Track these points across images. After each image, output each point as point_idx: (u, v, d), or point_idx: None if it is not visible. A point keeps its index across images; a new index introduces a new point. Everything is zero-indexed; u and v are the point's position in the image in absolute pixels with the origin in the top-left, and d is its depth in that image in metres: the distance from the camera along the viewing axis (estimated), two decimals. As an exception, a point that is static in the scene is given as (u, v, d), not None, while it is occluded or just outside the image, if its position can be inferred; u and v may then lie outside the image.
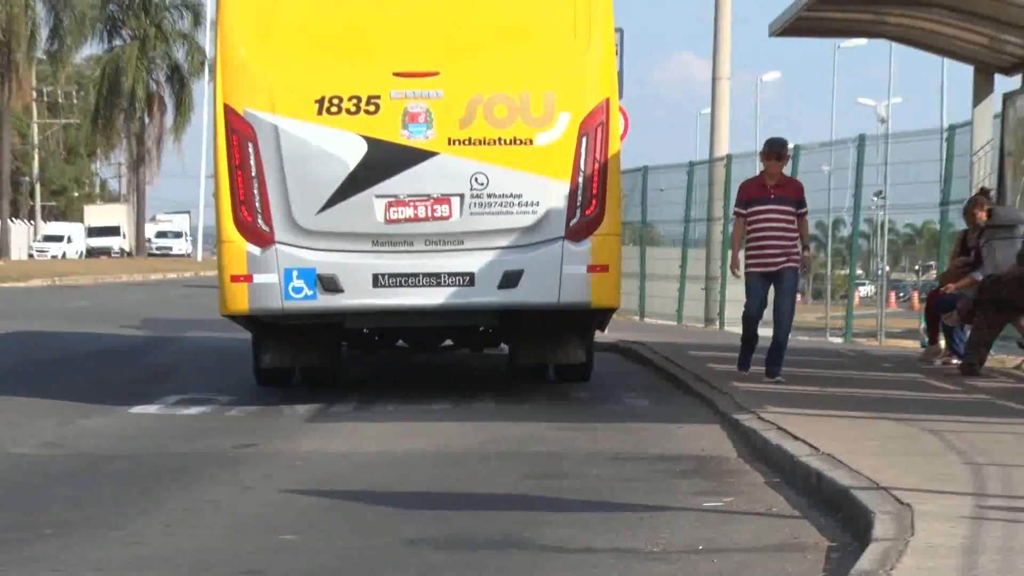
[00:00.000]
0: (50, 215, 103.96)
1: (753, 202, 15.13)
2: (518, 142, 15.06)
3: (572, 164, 15.04)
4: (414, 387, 16.40)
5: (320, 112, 14.97)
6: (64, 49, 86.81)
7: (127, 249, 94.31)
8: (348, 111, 14.96)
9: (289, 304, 14.93)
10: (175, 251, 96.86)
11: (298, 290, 14.89)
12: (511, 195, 15.07)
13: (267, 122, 14.91)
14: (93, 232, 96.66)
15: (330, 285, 14.92)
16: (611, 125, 15.27)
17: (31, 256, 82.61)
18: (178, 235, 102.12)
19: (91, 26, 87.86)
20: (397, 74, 14.98)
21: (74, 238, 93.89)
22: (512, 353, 17.20)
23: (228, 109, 15.00)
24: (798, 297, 18.25)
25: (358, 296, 15.03)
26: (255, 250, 14.90)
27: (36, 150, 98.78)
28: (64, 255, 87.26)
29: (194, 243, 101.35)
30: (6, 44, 77.56)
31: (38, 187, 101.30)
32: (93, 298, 39.19)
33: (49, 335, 25.09)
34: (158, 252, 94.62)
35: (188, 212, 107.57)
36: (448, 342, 18.75)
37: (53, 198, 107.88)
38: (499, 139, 15.06)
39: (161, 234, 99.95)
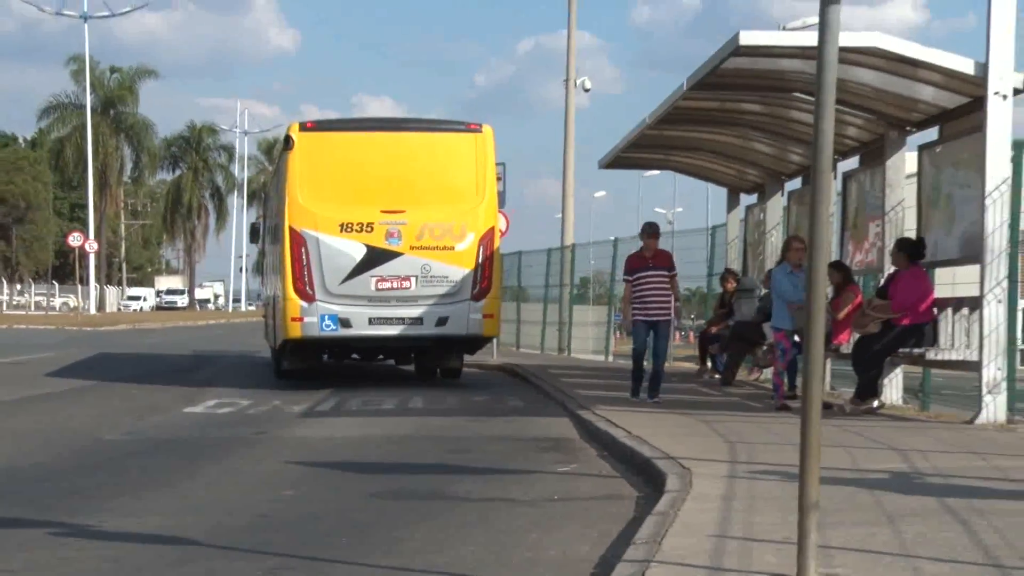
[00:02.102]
0: (132, 283, 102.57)
1: (637, 271, 14.09)
2: (447, 248, 17.22)
3: (474, 260, 17.31)
4: (370, 396, 16.32)
5: (341, 231, 16.99)
6: (142, 176, 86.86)
7: (183, 305, 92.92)
8: (356, 230, 16.99)
9: (322, 334, 17.06)
10: (179, 305, 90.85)
11: (327, 326, 16.99)
12: (443, 276, 17.20)
13: (312, 235, 16.95)
14: (160, 294, 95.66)
15: (346, 323, 17.04)
16: (495, 239, 17.64)
17: (119, 309, 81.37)
18: (180, 293, 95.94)
19: (160, 161, 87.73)
20: (383, 211, 17.07)
21: (148, 298, 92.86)
22: (419, 362, 19.88)
23: (291, 228, 17.06)
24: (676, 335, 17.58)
25: (360, 329, 17.13)
26: (304, 304, 16.93)
27: (123, 241, 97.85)
28: (141, 309, 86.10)
29: (227, 300, 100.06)
30: (103, 172, 77.01)
31: (124, 264, 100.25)
32: (160, 336, 38.79)
33: (129, 359, 24.78)
34: (165, 306, 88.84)
35: (223, 280, 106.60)
36: (380, 357, 20.81)
37: (134, 272, 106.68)
38: (436, 247, 17.19)
39: (170, 291, 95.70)
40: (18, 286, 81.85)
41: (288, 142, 17.38)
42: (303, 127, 17.55)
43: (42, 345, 30.80)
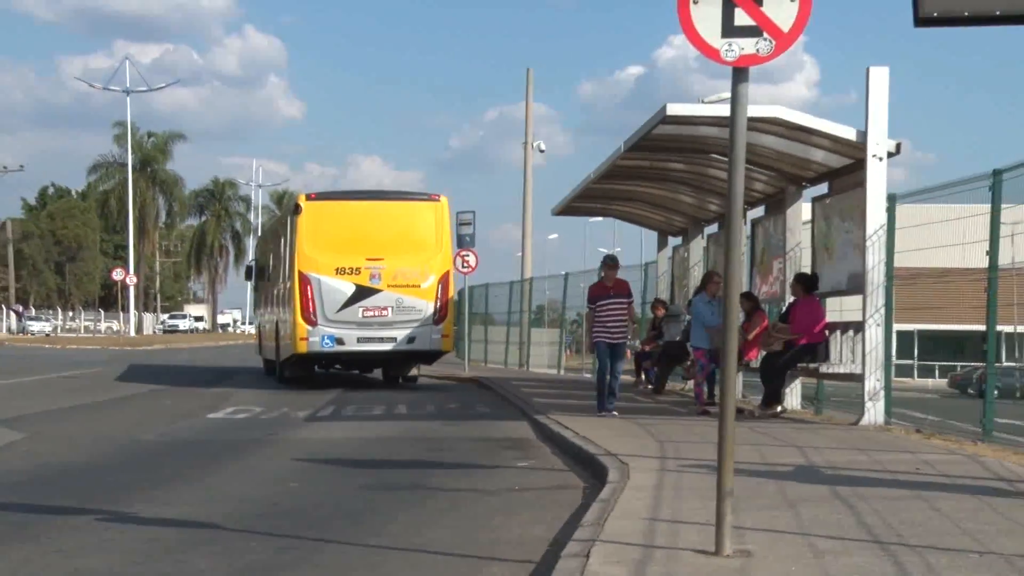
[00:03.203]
0: (164, 310, 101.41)
1: (599, 299, 12.82)
2: (414, 286, 18.79)
3: (435, 295, 18.92)
4: (363, 404, 16.23)
5: (337, 273, 18.56)
6: (174, 221, 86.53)
7: (207, 328, 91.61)
8: (347, 273, 18.58)
9: (323, 349, 18.60)
10: (180, 328, 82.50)
11: (326, 343, 18.52)
12: (412, 306, 18.80)
13: (315, 277, 18.50)
14: (191, 319, 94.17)
15: (340, 342, 18.54)
16: (450, 279, 19.38)
17: (154, 332, 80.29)
18: (183, 317, 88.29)
19: (188, 209, 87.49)
20: (367, 259, 18.65)
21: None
22: (385, 371, 21.15)
23: (300, 272, 18.55)
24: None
25: (351, 346, 18.67)
26: (310, 327, 18.44)
27: (157, 276, 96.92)
28: (192, 331, 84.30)
29: (246, 324, 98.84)
30: (142, 219, 76.71)
31: (159, 295, 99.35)
32: (188, 355, 38.43)
33: (162, 373, 24.48)
34: (168, 329, 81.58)
35: (240, 308, 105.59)
36: (355, 370, 22.03)
37: (167, 301, 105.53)
38: (407, 285, 18.75)
39: (172, 316, 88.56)
40: (70, 313, 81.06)
41: (297, 208, 19.06)
42: (308, 197, 19.31)
43: (90, 362, 30.44)
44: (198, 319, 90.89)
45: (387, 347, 18.80)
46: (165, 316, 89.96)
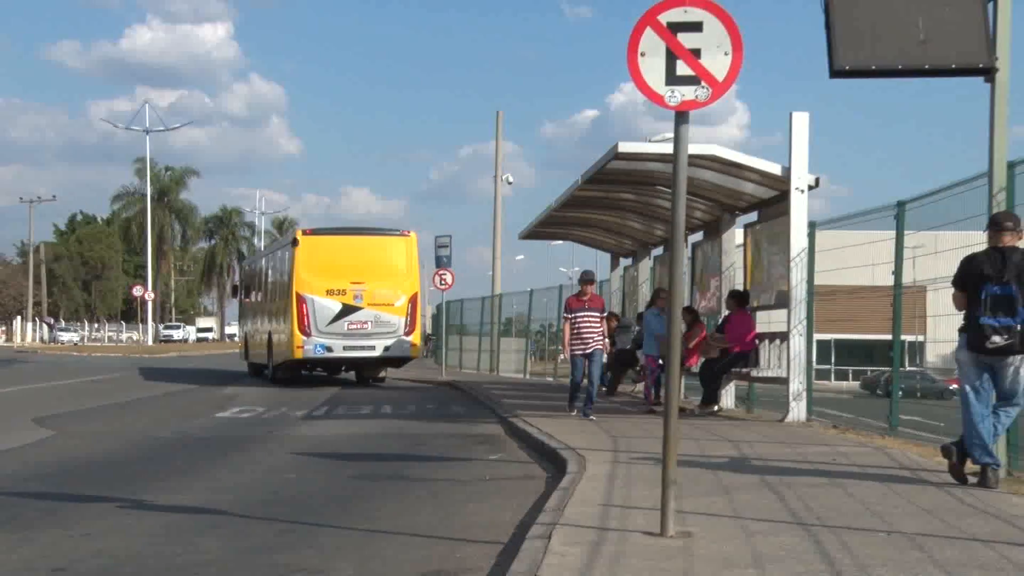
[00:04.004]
0: (179, 322, 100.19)
1: (576, 311, 12.08)
2: (389, 305, 19.90)
3: (406, 312, 19.99)
4: (352, 404, 16.12)
5: (327, 294, 19.62)
6: (187, 244, 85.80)
7: (216, 337, 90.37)
8: (336, 293, 19.63)
9: (315, 356, 19.70)
10: (175, 338, 77.67)
11: (318, 351, 19.60)
12: (387, 321, 19.84)
13: (309, 297, 19.55)
14: (199, 330, 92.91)
15: (329, 349, 19.63)
16: (418, 299, 20.28)
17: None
18: (177, 328, 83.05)
19: (200, 234, 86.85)
20: (352, 282, 19.71)
21: (181, 334, 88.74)
22: (359, 374, 21.99)
23: (297, 292, 19.59)
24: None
25: (338, 353, 19.78)
26: (304, 338, 19.51)
27: (172, 292, 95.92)
28: (185, 341, 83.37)
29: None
30: (159, 242, 76.08)
31: (173, 309, 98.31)
32: (198, 362, 38.02)
33: (175, 378, 24.20)
34: (163, 339, 75.65)
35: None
36: (325, 374, 22.63)
37: (180, 315, 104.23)
38: (383, 303, 19.84)
39: (166, 327, 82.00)
40: (96, 325, 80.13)
41: (295, 241, 20.21)
42: (304, 232, 20.53)
43: (111, 368, 30.07)
44: (205, 330, 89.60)
45: (367, 354, 19.96)
46: (160, 326, 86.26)
